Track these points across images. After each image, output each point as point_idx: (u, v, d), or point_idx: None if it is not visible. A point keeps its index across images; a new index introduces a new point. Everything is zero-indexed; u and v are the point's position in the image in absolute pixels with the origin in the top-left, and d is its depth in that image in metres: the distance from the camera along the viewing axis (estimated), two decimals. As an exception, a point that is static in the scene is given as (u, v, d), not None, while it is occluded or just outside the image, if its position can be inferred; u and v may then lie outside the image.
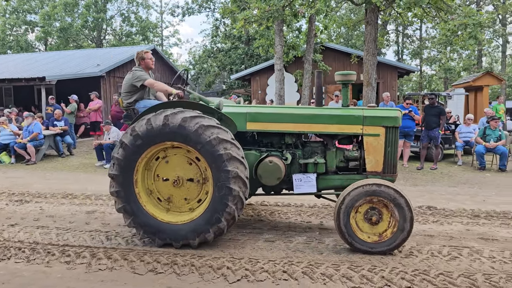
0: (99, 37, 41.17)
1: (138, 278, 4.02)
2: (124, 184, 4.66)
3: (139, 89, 5.26)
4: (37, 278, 4.05)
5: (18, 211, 6.50)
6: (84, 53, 24.11)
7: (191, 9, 28.44)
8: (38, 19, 38.57)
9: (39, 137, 11.75)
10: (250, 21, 10.96)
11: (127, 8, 41.73)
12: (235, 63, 26.90)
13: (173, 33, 63.20)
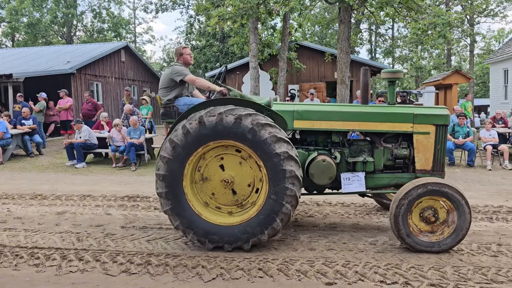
0: (69, 33, 40.16)
1: (111, 280, 3.94)
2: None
3: (178, 85, 5.05)
4: (4, 282, 3.91)
5: (-16, 213, 6.26)
6: (53, 49, 23.49)
7: (164, 6, 28.11)
8: (5, 14, 37.27)
9: (5, 136, 11.36)
10: (225, 18, 10.92)
11: (98, 4, 40.84)
12: (210, 60, 26.77)
13: (146, 30, 62.43)
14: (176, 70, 5.01)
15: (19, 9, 35.54)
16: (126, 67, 22.40)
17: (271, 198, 4.37)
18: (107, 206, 6.61)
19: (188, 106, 4.84)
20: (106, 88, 20.41)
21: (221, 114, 4.34)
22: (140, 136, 10.67)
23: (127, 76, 22.46)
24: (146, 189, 7.83)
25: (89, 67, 18.79)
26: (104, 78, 20.29)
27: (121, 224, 5.64)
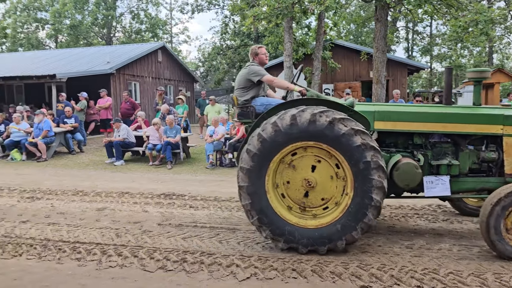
0: (109, 35, 41.42)
1: (148, 276, 4.05)
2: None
3: (255, 85, 5.01)
4: (48, 275, 4.10)
5: (30, 208, 6.58)
6: (94, 50, 24.28)
7: (200, 6, 28.48)
8: (49, 17, 38.89)
9: (49, 134, 11.87)
10: (260, 18, 10.94)
11: (136, 5, 41.91)
12: (245, 60, 26.88)
13: (182, 30, 63.55)
14: (253, 70, 4.98)
15: (62, 12, 36.99)
16: (162, 67, 22.87)
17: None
18: (144, 203, 6.79)
19: (266, 107, 4.83)
20: (143, 87, 20.92)
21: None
22: (176, 135, 10.89)
23: (163, 76, 22.92)
24: (182, 187, 7.99)
25: (127, 67, 19.32)
26: (142, 78, 20.81)
27: (158, 221, 5.78)
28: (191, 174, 9.70)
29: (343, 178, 4.40)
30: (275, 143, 4.36)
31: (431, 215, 6.01)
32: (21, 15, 39.39)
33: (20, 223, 5.75)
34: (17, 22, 38.92)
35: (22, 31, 40.22)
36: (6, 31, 16.34)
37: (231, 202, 6.76)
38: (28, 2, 37.68)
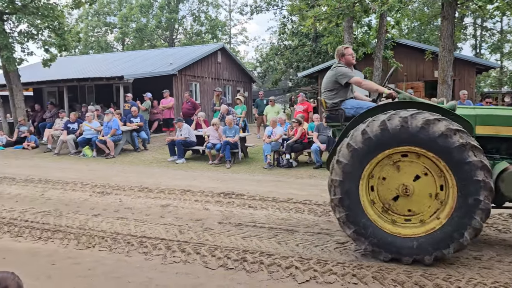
0: (171, 37, 43.00)
1: (210, 273, 4.19)
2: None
3: (343, 87, 4.92)
4: (119, 267, 4.37)
5: (100, 202, 7.02)
6: (157, 52, 25.31)
7: (259, 7, 28.74)
8: (117, 21, 41.10)
9: (117, 133, 12.57)
10: (320, 18, 10.86)
11: (197, 8, 43.13)
12: (302, 60, 26.77)
13: (240, 31, 64.46)
14: (341, 72, 4.89)
15: (129, 16, 38.94)
16: (222, 68, 23.36)
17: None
18: (205, 201, 7.01)
19: (356, 110, 4.75)
20: (203, 88, 21.51)
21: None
22: (235, 135, 11.10)
23: (222, 76, 23.41)
24: (240, 186, 8.14)
25: (188, 68, 19.95)
26: (202, 78, 21.39)
27: (218, 219, 5.94)
28: (249, 173, 9.85)
29: (442, 202, 4.20)
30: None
31: (502, 225, 5.67)
32: (92, 20, 41.96)
33: (92, 216, 6.16)
34: (88, 27, 41.51)
35: (92, 34, 42.83)
36: (79, 35, 17.58)
37: (289, 203, 6.79)
38: (98, 7, 40.02)
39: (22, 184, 8.66)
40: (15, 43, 14.88)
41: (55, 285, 3.95)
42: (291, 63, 28.43)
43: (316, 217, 6.02)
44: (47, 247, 4.95)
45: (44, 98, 22.10)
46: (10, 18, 15.13)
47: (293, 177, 9.32)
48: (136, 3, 39.90)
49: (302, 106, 13.55)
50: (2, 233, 5.47)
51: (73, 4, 15.66)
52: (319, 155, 10.36)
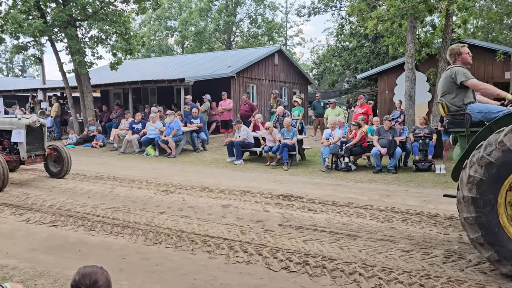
0: (229, 39, 43.77)
1: (273, 274, 4.22)
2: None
3: (461, 89, 4.61)
4: (184, 264, 4.52)
5: (165, 200, 7.30)
6: (216, 55, 25.88)
7: (317, 9, 28.51)
8: (177, 25, 42.53)
9: (178, 133, 13.01)
10: (383, 19, 10.58)
11: (255, 11, 43.58)
12: (361, 61, 26.25)
13: (296, 32, 64.30)
14: (458, 72, 4.60)
15: (189, 20, 40.14)
16: (278, 70, 23.44)
17: None
18: (265, 203, 7.07)
19: (484, 115, 4.44)
20: (260, 90, 21.69)
21: None
22: (293, 137, 11.09)
23: (279, 78, 23.48)
24: (299, 189, 8.13)
25: (246, 71, 20.22)
26: (259, 80, 21.59)
27: (278, 222, 5.97)
28: (307, 176, 9.80)
29: None
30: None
31: None
32: (154, 24, 43.73)
33: (158, 213, 6.42)
34: (150, 31, 43.29)
35: (154, 38, 44.62)
36: (143, 40, 18.45)
37: (350, 208, 6.68)
38: (160, 12, 41.60)
39: (93, 181, 9.20)
40: (86, 48, 15.84)
41: (127, 278, 4.16)
42: (348, 65, 27.95)
43: (379, 223, 5.87)
44: (118, 242, 5.23)
45: (111, 99, 23.34)
46: (82, 25, 16.14)
47: (352, 181, 9.15)
48: (195, 8, 41.06)
49: (361, 109, 13.28)
50: (77, 227, 5.85)
51: (139, 10, 16.42)
52: (379, 159, 10.09)
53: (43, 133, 9.07)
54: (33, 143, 8.82)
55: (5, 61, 59.37)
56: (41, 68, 26.41)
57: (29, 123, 8.60)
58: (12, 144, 8.79)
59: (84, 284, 2.10)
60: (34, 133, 8.81)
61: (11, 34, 14.63)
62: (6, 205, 7.11)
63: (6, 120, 9.02)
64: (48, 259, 4.67)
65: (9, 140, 8.84)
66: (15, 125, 8.64)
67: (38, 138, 8.94)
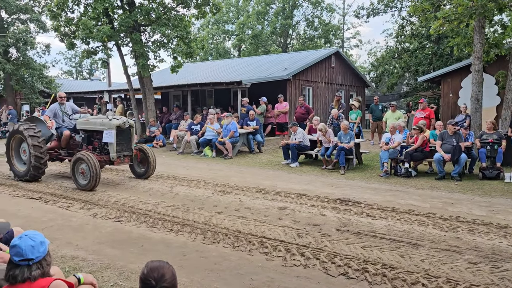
0: (285, 42, 43.84)
1: (331, 280, 4.16)
2: None
3: None
4: (242, 264, 4.58)
5: (222, 201, 7.43)
6: (272, 58, 25.99)
7: (376, 10, 27.76)
8: (234, 28, 43.27)
9: (235, 135, 13.20)
10: (450, 19, 10.09)
11: (311, 13, 43.34)
12: (422, 63, 25.21)
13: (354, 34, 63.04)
14: None
15: (246, 23, 40.70)
16: (335, 72, 23.11)
17: None
18: (321, 207, 6.98)
19: None
20: (316, 92, 21.50)
21: None
22: (350, 141, 10.88)
23: (335, 81, 23.14)
24: (357, 194, 7.95)
25: (302, 73, 20.12)
26: (315, 83, 21.40)
27: (336, 226, 5.88)
28: (364, 181, 9.57)
29: None
30: None
31: None
32: (212, 28, 44.78)
33: (215, 213, 6.55)
34: (208, 35, 44.39)
35: (212, 42, 45.69)
36: (202, 43, 19.01)
37: (411, 215, 6.43)
38: (218, 16, 42.54)
39: (154, 180, 9.57)
40: (149, 52, 16.53)
41: (186, 274, 4.28)
42: (408, 67, 26.91)
43: (442, 232, 5.60)
44: (178, 239, 5.39)
45: (170, 101, 24.17)
46: (146, 29, 16.86)
47: (412, 187, 8.81)
48: (252, 11, 41.55)
49: (423, 113, 12.75)
50: (140, 223, 6.11)
51: (199, 14, 16.88)
52: (442, 165, 9.64)
53: (131, 134, 9.07)
54: (122, 143, 8.85)
55: (74, 65, 63.44)
56: (107, 71, 27.91)
57: (119, 124, 8.63)
58: (103, 144, 8.91)
59: (152, 277, 2.19)
60: (123, 134, 8.84)
61: (82, 40, 15.59)
62: (75, 200, 7.58)
63: (98, 121, 9.09)
64: (114, 253, 4.92)
65: (99, 140, 8.98)
66: (106, 125, 8.69)
67: (126, 139, 8.96)
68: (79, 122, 9.36)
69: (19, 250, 2.44)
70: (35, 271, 2.44)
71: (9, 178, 9.87)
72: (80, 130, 9.37)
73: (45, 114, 9.82)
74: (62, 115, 9.79)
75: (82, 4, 16.08)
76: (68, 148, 9.72)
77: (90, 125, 9.13)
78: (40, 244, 2.51)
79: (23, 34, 24.80)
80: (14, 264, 2.44)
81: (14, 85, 24.58)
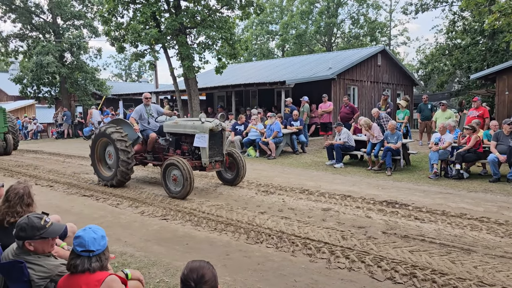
0: (329, 41, 43.27)
1: (377, 284, 4.04)
2: None
3: None
4: (285, 265, 4.54)
5: (265, 201, 7.43)
6: (316, 57, 25.73)
7: (425, 5, 26.80)
8: (278, 28, 43.24)
9: (278, 135, 13.18)
10: (506, 12, 9.55)
11: (357, 11, 42.50)
12: (475, 60, 24.06)
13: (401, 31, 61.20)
14: None
15: (290, 23, 40.57)
16: (381, 71, 22.51)
17: None
18: (367, 209, 6.82)
19: None
20: (361, 92, 21.05)
21: None
22: (397, 141, 10.55)
23: (382, 79, 22.54)
24: (404, 196, 7.69)
25: (347, 72, 19.76)
26: (360, 82, 20.96)
27: (382, 229, 5.71)
28: (412, 182, 9.24)
29: None
30: None
31: None
32: (256, 29, 44.99)
33: (259, 213, 6.56)
34: (252, 35, 44.65)
35: (256, 43, 45.91)
36: (247, 44, 19.16)
37: (462, 219, 6.13)
38: (262, 17, 42.69)
39: (198, 178, 9.73)
40: (195, 53, 16.85)
41: (230, 274, 4.30)
42: (460, 64, 25.80)
43: (498, 238, 5.30)
44: (221, 238, 5.45)
45: (215, 101, 24.53)
46: (191, 32, 17.22)
47: (464, 190, 8.41)
48: (296, 11, 41.33)
49: (476, 112, 12.14)
50: (185, 221, 6.23)
51: (243, 15, 17.00)
52: (497, 167, 9.12)
53: (223, 138, 8.35)
54: (214, 148, 8.13)
55: (124, 68, 65.92)
56: (154, 73, 28.74)
57: (212, 127, 7.94)
58: (193, 149, 8.28)
59: (191, 278, 2.20)
60: (215, 137, 8.13)
61: (131, 43, 16.16)
62: (124, 198, 7.85)
63: (188, 124, 8.37)
64: (160, 250, 5.04)
65: (189, 144, 8.37)
66: (198, 129, 7.98)
67: (218, 143, 8.24)
68: (167, 125, 8.77)
69: (82, 241, 2.58)
70: (94, 263, 2.57)
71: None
72: (167, 133, 8.79)
73: (131, 116, 9.13)
74: (148, 117, 9.16)
75: (131, 9, 16.66)
76: (154, 152, 9.15)
77: (180, 128, 8.46)
78: (101, 238, 2.65)
79: (77, 39, 26.06)
80: (76, 254, 2.58)
81: (69, 87, 25.87)
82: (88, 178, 10.10)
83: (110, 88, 28.39)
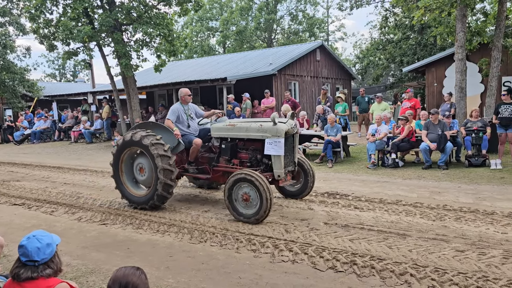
0: (270, 37, 43.73)
1: (319, 274, 4.12)
2: None
3: None
4: (229, 262, 4.51)
5: (209, 199, 7.35)
6: (257, 53, 25.89)
7: (359, 2, 27.83)
8: (218, 25, 43.02)
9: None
10: (431, 8, 10.11)
11: (295, 7, 43.28)
12: (406, 54, 25.35)
13: (338, 27, 63.29)
14: None
15: (230, 19, 40.49)
16: (320, 66, 23.11)
17: None
18: (309, 201, 6.95)
19: None
20: (302, 86, 21.48)
21: None
22: (337, 134, 10.87)
23: (321, 74, 23.14)
24: (345, 187, 7.94)
25: (288, 68, 20.08)
26: (301, 77, 21.38)
27: (324, 220, 5.85)
28: (352, 173, 9.57)
29: None
30: None
31: None
32: (196, 25, 44.47)
33: (203, 212, 6.48)
34: (192, 32, 44.07)
35: (196, 39, 45.37)
36: (186, 41, 18.85)
37: (398, 206, 6.43)
38: (202, 13, 42.24)
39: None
40: (132, 51, 16.30)
41: (173, 275, 4.20)
42: (393, 58, 27.05)
43: (430, 222, 5.61)
44: (164, 240, 5.31)
45: (155, 100, 23.95)
46: (127, 29, 16.62)
47: (400, 177, 8.84)
48: (236, 7, 41.33)
49: (409, 103, 12.79)
50: (126, 225, 6.01)
51: (181, 11, 16.69)
52: (429, 155, 9.68)
53: (294, 142, 6.57)
54: (286, 155, 6.31)
55: (57, 67, 62.56)
56: (90, 72, 27.54)
57: (287, 129, 6.16)
58: (260, 157, 6.46)
59: None
60: (287, 142, 6.25)
61: (62, 41, 15.33)
62: (60, 204, 7.44)
63: (253, 126, 6.38)
64: (99, 257, 4.82)
65: (252, 151, 6.55)
66: (270, 132, 6.13)
67: (290, 149, 6.47)
68: (217, 128, 6.75)
69: (26, 251, 2.49)
70: (41, 272, 2.49)
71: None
72: (217, 138, 6.90)
73: (167, 118, 6.92)
74: (187, 119, 7.09)
75: (60, 5, 15.80)
76: (197, 163, 7.07)
77: (240, 132, 6.50)
78: (46, 246, 2.53)
79: (2, 38, 24.32)
80: (21, 262, 2.50)
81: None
82: (19, 185, 9.47)
83: (42, 89, 26.83)
